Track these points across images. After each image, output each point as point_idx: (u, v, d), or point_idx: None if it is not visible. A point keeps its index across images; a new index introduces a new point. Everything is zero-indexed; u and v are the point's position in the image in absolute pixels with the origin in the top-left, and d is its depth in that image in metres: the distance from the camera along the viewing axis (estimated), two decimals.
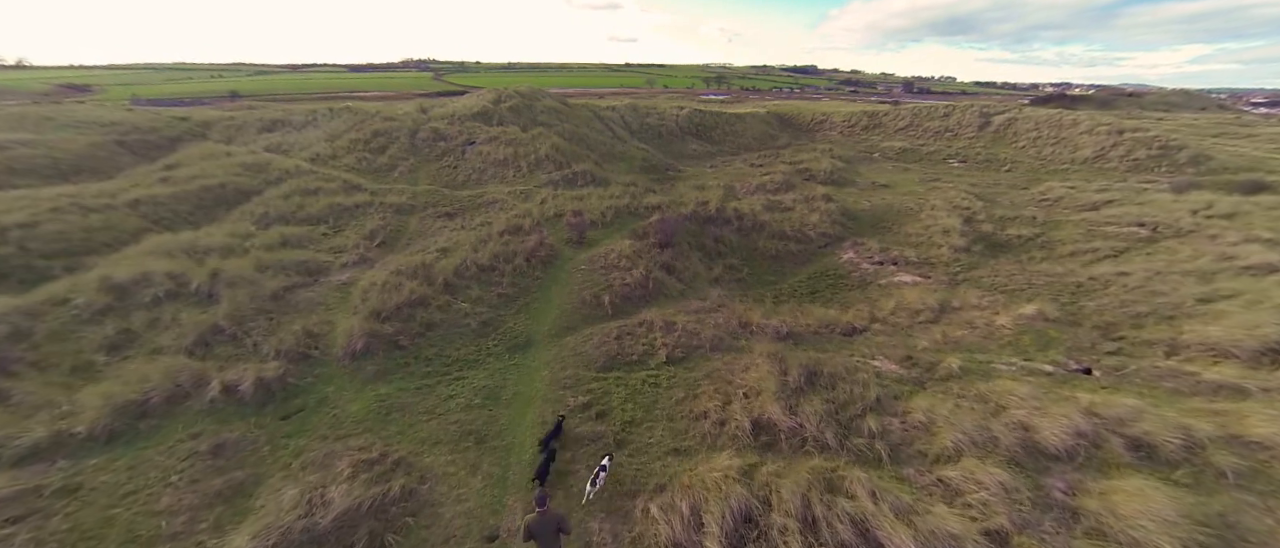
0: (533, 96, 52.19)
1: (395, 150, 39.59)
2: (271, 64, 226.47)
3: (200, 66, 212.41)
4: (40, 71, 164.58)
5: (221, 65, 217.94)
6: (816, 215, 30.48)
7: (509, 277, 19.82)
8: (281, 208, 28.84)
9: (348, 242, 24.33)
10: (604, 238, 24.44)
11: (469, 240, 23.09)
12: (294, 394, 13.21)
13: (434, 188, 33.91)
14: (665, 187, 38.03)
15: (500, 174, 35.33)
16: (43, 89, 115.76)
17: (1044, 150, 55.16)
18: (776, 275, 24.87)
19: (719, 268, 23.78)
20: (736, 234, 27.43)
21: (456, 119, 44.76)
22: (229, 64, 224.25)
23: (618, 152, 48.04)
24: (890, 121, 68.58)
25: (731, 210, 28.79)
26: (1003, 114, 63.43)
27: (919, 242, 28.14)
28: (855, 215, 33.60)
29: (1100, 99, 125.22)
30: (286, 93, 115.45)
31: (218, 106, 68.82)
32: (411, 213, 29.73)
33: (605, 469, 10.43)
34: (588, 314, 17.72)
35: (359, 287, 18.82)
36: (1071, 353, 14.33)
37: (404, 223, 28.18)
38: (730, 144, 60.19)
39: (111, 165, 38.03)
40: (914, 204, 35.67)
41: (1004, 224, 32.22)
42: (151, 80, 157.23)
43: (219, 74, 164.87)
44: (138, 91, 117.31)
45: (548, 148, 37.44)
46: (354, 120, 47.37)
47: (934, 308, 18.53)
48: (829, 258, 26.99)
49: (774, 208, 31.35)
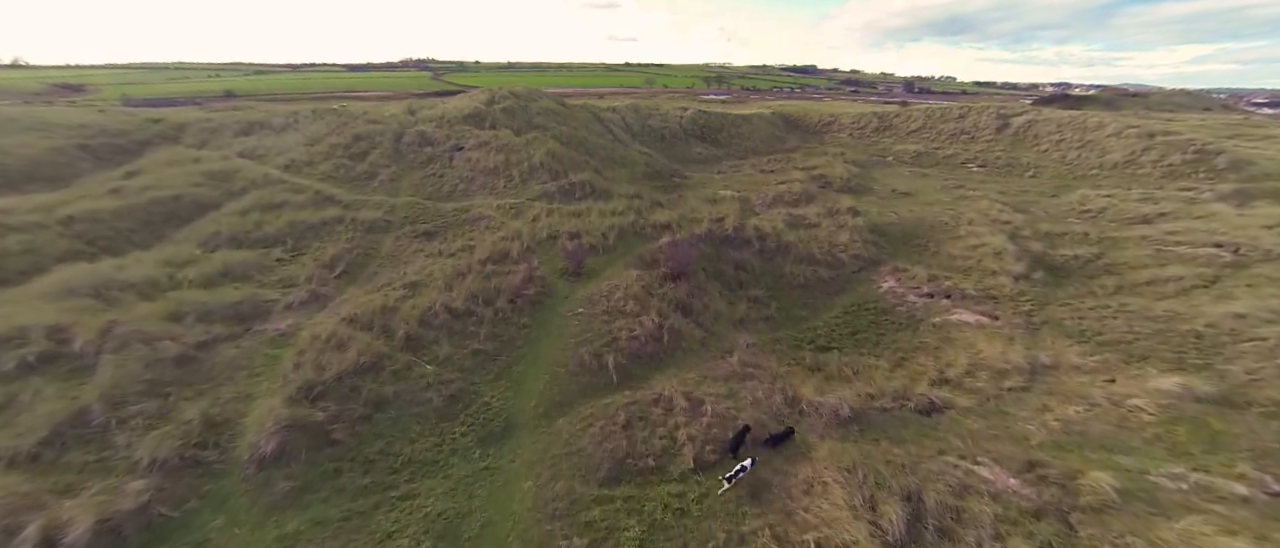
0: (529, 97, 47.60)
1: (377, 156, 35.06)
2: (271, 64, 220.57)
3: (199, 66, 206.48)
4: (37, 71, 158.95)
5: (220, 65, 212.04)
6: (846, 234, 26.07)
7: (488, 325, 15.41)
8: (236, 226, 24.38)
9: (302, 272, 19.86)
10: (606, 267, 20.05)
11: (444, 272, 18.65)
12: (160, 537, 8.84)
13: (415, 200, 29.43)
14: (673, 197, 33.57)
15: (490, 184, 30.83)
16: (36, 89, 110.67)
17: (1069, 154, 50.70)
18: (808, 310, 20.52)
19: (743, 305, 19.36)
20: (759, 258, 23.07)
21: (445, 122, 40.19)
22: (228, 63, 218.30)
23: (619, 156, 43.54)
24: (902, 124, 64.07)
25: (751, 229, 24.40)
26: (1021, 116, 58.98)
27: (967, 266, 23.80)
28: (885, 231, 29.17)
29: (1105, 99, 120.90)
30: (282, 92, 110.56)
31: (204, 107, 64.04)
32: (386, 231, 25.27)
33: (746, 470, 9.18)
34: (587, 382, 13.34)
35: (298, 341, 14.42)
36: (1259, 461, 10.03)
37: (375, 244, 23.73)
38: (737, 147, 55.66)
39: (69, 172, 33.42)
40: (948, 218, 31.30)
41: (1053, 242, 27.93)
42: (149, 80, 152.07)
43: (217, 74, 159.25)
44: (130, 91, 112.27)
45: (543, 154, 32.93)
46: (337, 123, 42.82)
47: (1023, 368, 14.22)
48: (865, 286, 22.67)
49: (797, 224, 26.95)
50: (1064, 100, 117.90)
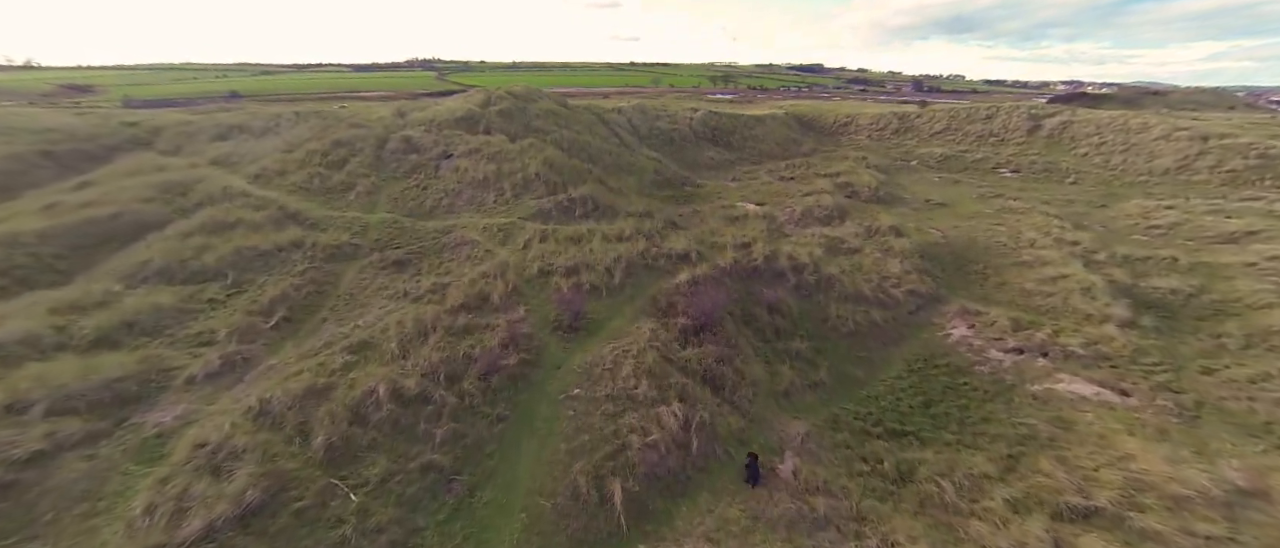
0: (528, 98, 42.84)
1: (356, 165, 30.45)
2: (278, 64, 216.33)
3: (208, 66, 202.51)
4: (47, 72, 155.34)
5: (227, 65, 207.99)
6: (895, 262, 21.26)
7: (448, 419, 10.82)
8: (173, 254, 19.85)
9: (229, 322, 15.30)
10: (610, 315, 15.44)
11: (405, 326, 14.07)
12: None
13: (393, 216, 24.86)
14: (687, 212, 28.81)
15: (478, 198, 26.19)
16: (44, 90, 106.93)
17: (1112, 159, 45.44)
18: (864, 367, 15.85)
19: (786, 368, 14.64)
20: (796, 296, 18.37)
21: (435, 126, 35.53)
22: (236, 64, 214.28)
23: (625, 162, 38.76)
24: (924, 125, 58.84)
25: (785, 258, 19.66)
26: (1054, 116, 53.63)
27: (1050, 305, 18.95)
28: (934, 256, 24.30)
29: (1124, 98, 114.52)
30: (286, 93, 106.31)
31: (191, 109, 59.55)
32: (350, 259, 20.72)
33: None
34: (582, 528, 8.74)
35: (174, 453, 9.91)
36: None
37: (333, 278, 19.18)
38: (751, 151, 50.71)
39: (23, 182, 28.95)
40: (1005, 237, 26.40)
41: (1138, 269, 23.04)
42: (158, 80, 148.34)
43: (224, 74, 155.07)
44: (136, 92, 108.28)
45: (539, 164, 28.22)
46: (321, 126, 38.23)
47: (1213, 495, 9.53)
48: (928, 332, 17.91)
49: (836, 249, 22.18)
50: (1083, 99, 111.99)
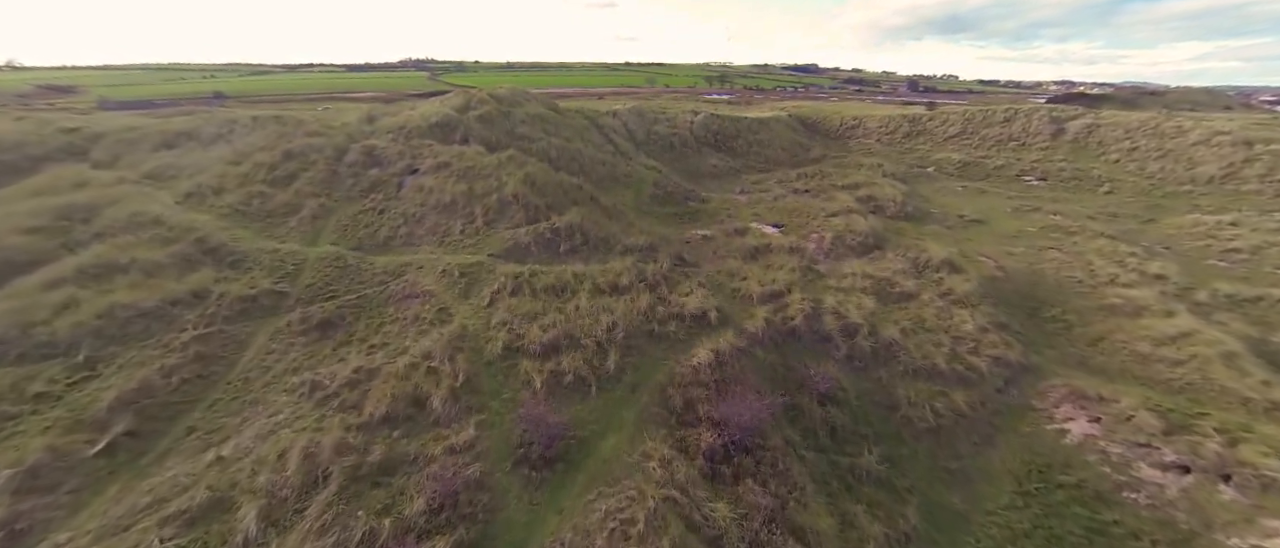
0: (513, 101, 37.36)
1: (306, 181, 25.03)
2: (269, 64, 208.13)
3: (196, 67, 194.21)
4: (29, 72, 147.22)
5: (217, 66, 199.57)
6: (964, 314, 16.15)
7: None
8: (21, 313, 14.52)
9: (33, 447, 10.08)
10: (604, 427, 10.35)
11: (282, 463, 8.97)
12: None
13: (337, 250, 19.55)
14: (695, 238, 23.65)
15: (442, 226, 20.90)
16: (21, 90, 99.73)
17: (1148, 166, 40.53)
18: (962, 493, 10.85)
19: (861, 514, 9.54)
20: (850, 370, 13.36)
21: (404, 134, 30.06)
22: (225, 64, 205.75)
23: (621, 173, 33.49)
24: (937, 128, 53.80)
25: (829, 315, 14.58)
26: (1078, 119, 48.72)
27: (1188, 383, 13.91)
28: (998, 296, 19.23)
29: (1123, 98, 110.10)
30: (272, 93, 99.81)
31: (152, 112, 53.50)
32: (267, 317, 15.45)
33: None
34: None
35: None
36: None
37: (231, 350, 13.92)
38: (756, 157, 45.49)
39: None
40: (1075, 269, 21.42)
41: (1252, 315, 18.15)
42: (144, 81, 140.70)
43: (212, 74, 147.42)
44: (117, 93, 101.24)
45: (519, 182, 22.90)
46: (277, 133, 32.70)
47: None
48: (1032, 424, 12.91)
49: (885, 295, 17.03)
50: (1081, 99, 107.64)
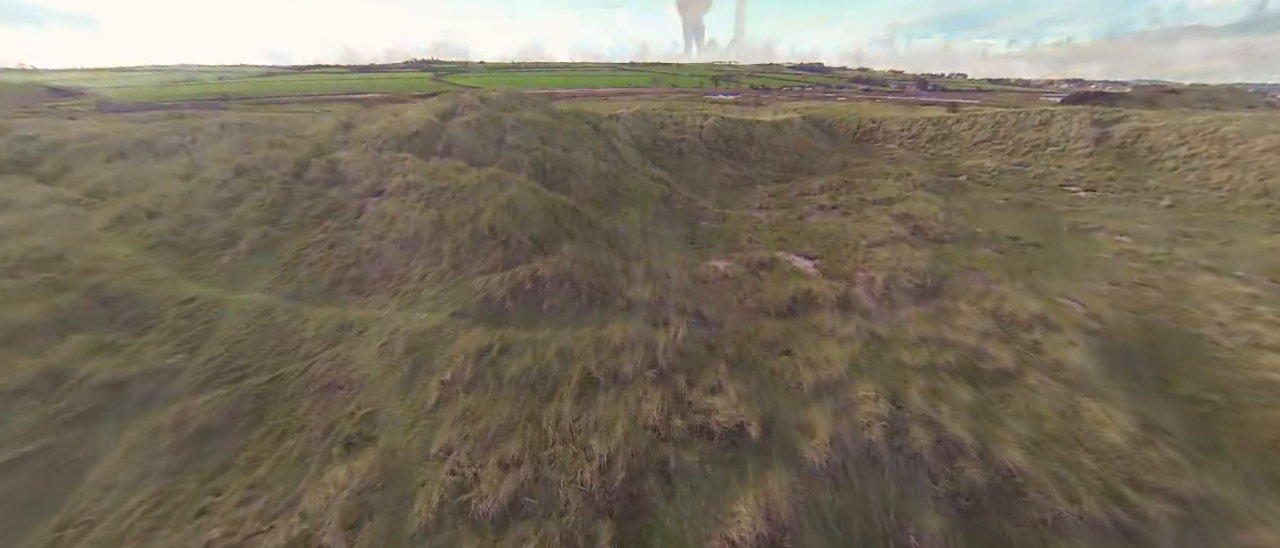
0: (505, 105, 33.08)
1: (254, 204, 20.94)
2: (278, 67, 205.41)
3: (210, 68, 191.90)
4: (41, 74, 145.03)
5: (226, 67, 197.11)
6: (1093, 407, 11.67)
7: None
8: None
9: None
10: None
11: None
12: None
13: (268, 299, 15.40)
14: (713, 277, 19.23)
15: (400, 269, 16.64)
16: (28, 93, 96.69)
17: (1213, 176, 35.48)
18: None
19: None
20: (954, 519, 9.01)
21: (377, 145, 25.87)
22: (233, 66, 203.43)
23: (624, 187, 29.12)
24: (965, 132, 48.93)
25: (916, 426, 10.12)
26: (1124, 122, 43.70)
27: None
28: (1114, 363, 14.59)
29: (1143, 96, 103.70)
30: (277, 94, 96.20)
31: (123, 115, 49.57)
32: (130, 418, 11.27)
33: None
34: None
35: None
36: None
37: (51, 493, 9.78)
38: (772, 165, 40.92)
39: None
40: (1204, 324, 16.75)
41: None
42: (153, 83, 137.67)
43: (221, 77, 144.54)
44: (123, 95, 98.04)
45: (499, 207, 18.58)
46: (242, 142, 28.88)
47: None
48: None
49: (977, 376, 12.36)
50: (1100, 98, 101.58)
